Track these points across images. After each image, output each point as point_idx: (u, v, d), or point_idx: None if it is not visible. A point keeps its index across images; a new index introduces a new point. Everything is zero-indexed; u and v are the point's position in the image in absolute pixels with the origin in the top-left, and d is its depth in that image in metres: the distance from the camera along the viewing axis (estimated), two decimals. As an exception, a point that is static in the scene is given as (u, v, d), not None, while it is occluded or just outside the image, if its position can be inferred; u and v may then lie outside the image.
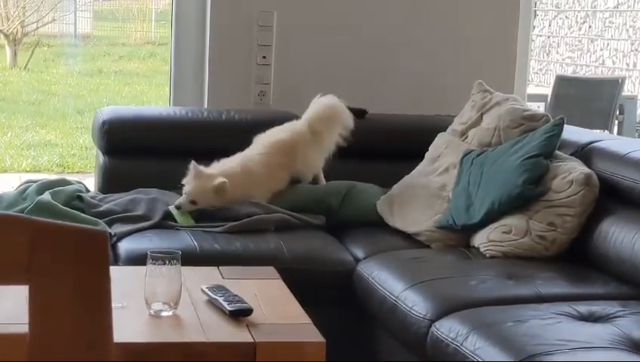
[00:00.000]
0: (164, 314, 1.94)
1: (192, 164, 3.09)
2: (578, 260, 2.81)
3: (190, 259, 2.38)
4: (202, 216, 3.07)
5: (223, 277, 2.22)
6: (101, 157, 3.39)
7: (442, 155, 3.27)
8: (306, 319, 1.96)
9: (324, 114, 3.30)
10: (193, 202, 3.07)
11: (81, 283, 0.91)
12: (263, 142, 3.27)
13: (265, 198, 3.19)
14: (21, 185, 3.25)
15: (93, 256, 0.91)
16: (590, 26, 8.55)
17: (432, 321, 2.39)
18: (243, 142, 3.43)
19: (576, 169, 2.85)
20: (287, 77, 3.79)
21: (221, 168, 3.16)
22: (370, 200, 3.25)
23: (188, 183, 3.09)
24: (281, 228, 3.04)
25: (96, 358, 0.93)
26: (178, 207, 3.05)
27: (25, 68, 9.71)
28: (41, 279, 0.91)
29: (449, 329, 2.30)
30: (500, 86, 3.50)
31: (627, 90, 7.52)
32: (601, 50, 8.40)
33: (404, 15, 3.89)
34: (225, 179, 3.08)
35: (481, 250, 2.88)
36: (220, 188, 3.07)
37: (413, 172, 3.31)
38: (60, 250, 0.90)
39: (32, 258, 0.90)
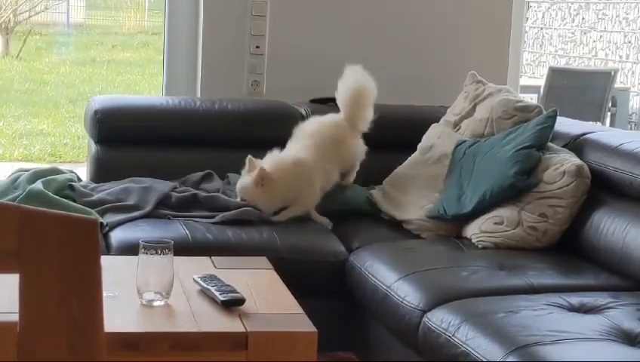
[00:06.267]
0: (156, 303, 1.94)
1: (248, 159, 3.00)
2: (569, 251, 2.82)
3: (182, 248, 2.38)
4: (194, 205, 3.07)
5: (216, 267, 2.22)
6: (93, 147, 3.38)
7: (435, 146, 3.28)
8: (298, 309, 1.96)
9: (353, 98, 3.20)
10: (243, 200, 3.00)
11: (71, 271, 0.91)
12: (307, 135, 3.15)
13: (314, 198, 3.07)
14: (12, 173, 3.24)
15: (83, 244, 0.91)
16: (583, 18, 8.56)
17: (424, 312, 2.39)
18: (236, 132, 3.43)
19: (568, 160, 2.86)
20: (280, 66, 3.78)
21: (272, 159, 3.05)
22: (358, 195, 3.24)
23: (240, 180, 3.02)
24: (268, 220, 3.01)
25: (87, 347, 0.93)
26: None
27: (17, 57, 9.67)
28: (30, 267, 0.90)
29: (441, 320, 2.30)
30: (493, 77, 3.50)
31: (620, 82, 7.53)
32: (594, 42, 8.40)
33: (397, 6, 3.88)
34: (263, 166, 2.96)
35: (473, 240, 2.89)
36: (260, 178, 2.97)
37: (406, 162, 3.31)
38: (49, 238, 0.90)
39: (22, 246, 0.90)
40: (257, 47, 3.76)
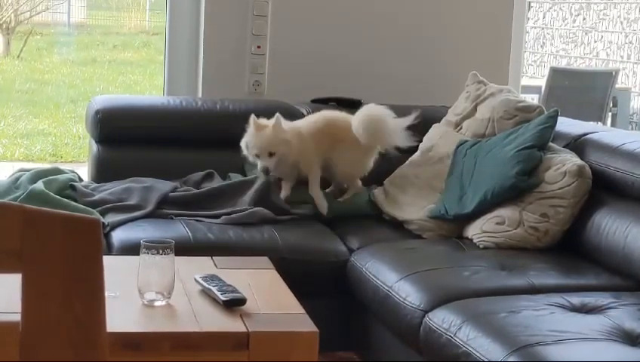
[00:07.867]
0: (157, 303, 1.94)
1: (252, 118, 3.09)
2: (570, 251, 2.82)
3: (184, 248, 2.38)
4: (195, 205, 3.07)
5: (217, 267, 2.22)
6: (94, 147, 3.39)
7: (436, 146, 3.28)
8: (299, 309, 1.96)
9: (371, 130, 3.18)
10: (271, 154, 3.06)
11: (73, 270, 0.91)
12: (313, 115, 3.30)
13: (313, 160, 3.15)
14: (14, 173, 3.24)
15: (85, 243, 0.91)
16: (584, 18, 8.55)
17: (426, 312, 2.39)
18: (237, 132, 3.43)
19: (569, 160, 2.86)
20: (281, 66, 3.78)
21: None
22: (359, 195, 3.25)
23: (251, 138, 3.09)
24: (272, 222, 3.01)
25: (89, 347, 0.93)
26: (265, 171, 3.05)
27: (18, 57, 9.67)
28: (33, 267, 0.90)
29: (442, 320, 2.30)
30: (494, 77, 3.51)
31: (621, 82, 7.52)
32: (595, 42, 8.40)
33: (398, 6, 3.88)
34: (277, 114, 3.08)
35: (475, 240, 2.89)
36: (277, 124, 3.05)
37: (407, 162, 3.31)
38: (52, 238, 0.90)
39: (24, 245, 0.90)
40: (259, 47, 3.76)
